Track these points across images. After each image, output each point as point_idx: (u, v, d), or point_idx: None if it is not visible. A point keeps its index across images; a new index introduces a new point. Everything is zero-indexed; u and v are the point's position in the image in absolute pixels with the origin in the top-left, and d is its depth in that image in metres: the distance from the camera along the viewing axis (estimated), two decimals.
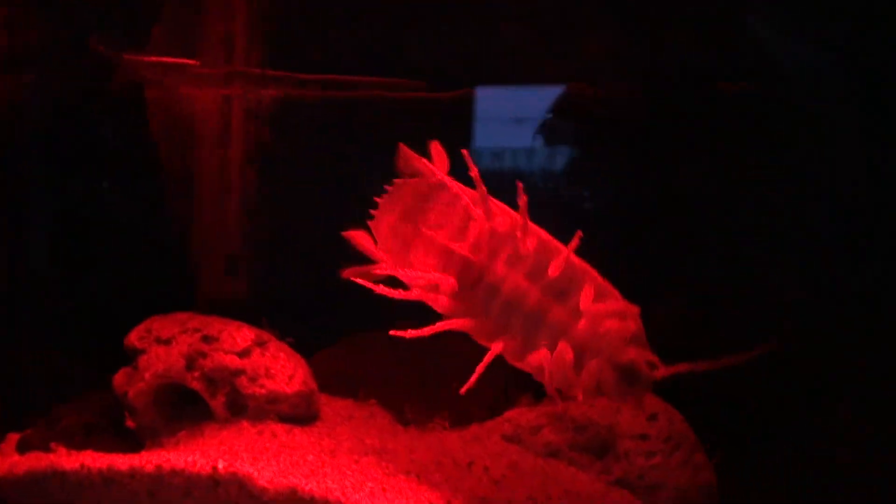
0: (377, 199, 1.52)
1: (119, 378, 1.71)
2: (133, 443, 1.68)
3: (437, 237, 1.40)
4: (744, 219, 2.00)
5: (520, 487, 1.47)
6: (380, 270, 1.42)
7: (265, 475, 1.34)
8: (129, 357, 1.72)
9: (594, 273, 1.35)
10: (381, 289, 1.39)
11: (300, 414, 1.66)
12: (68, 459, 1.37)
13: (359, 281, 1.40)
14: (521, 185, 1.32)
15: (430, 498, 1.35)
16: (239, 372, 1.64)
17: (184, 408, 1.68)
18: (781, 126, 1.96)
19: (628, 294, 1.36)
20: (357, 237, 1.48)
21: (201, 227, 2.18)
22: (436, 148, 1.46)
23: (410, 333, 1.33)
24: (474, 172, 1.37)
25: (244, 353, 1.67)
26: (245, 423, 1.63)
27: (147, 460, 1.34)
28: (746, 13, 1.96)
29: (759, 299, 1.93)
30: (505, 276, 1.36)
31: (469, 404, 1.72)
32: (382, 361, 1.87)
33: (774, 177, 1.96)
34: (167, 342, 1.68)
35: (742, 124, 1.99)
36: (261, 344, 1.69)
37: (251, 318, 1.80)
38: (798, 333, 1.80)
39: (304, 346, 1.82)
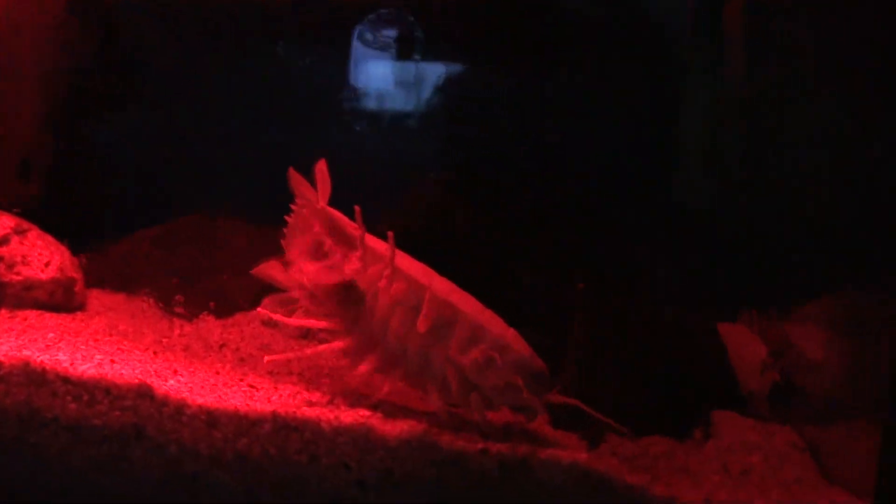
0: (287, 218, 1.51)
1: None
2: None
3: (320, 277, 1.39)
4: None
5: (263, 364, 1.47)
6: (294, 294, 1.43)
7: (1, 350, 1.32)
8: None
9: (464, 303, 1.36)
10: (297, 321, 1.42)
11: (58, 302, 1.64)
12: None
13: (275, 317, 1.41)
14: (359, 210, 1.35)
15: (157, 369, 1.34)
16: None
17: None
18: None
19: None
20: (265, 271, 1.47)
21: None
22: (320, 171, 1.45)
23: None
24: (359, 232, 1.37)
25: (2, 241, 1.63)
26: (3, 311, 1.61)
27: None
28: None
29: None
30: (387, 318, 1.37)
31: (237, 297, 1.72)
32: (159, 258, 1.85)
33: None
34: None
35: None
36: (20, 232, 1.66)
37: (44, 224, 1.76)
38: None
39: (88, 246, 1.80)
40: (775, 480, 1.46)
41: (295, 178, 1.48)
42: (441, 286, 1.36)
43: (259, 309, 1.44)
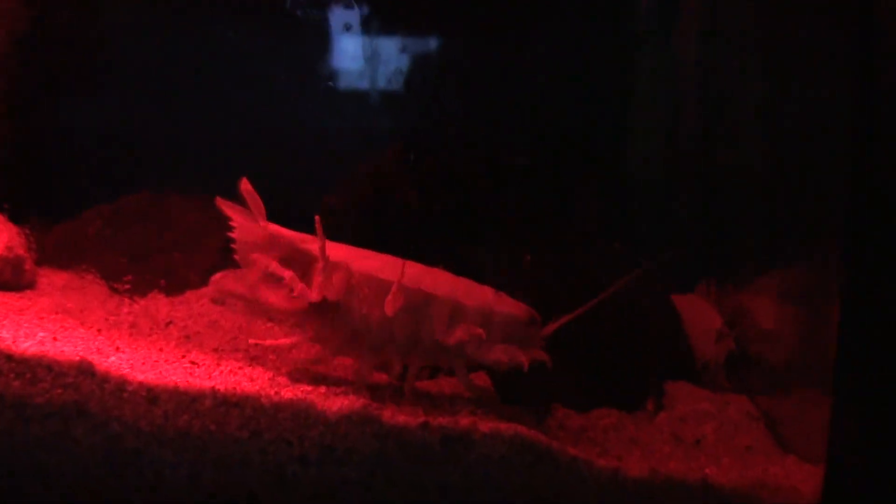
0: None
1: None
2: None
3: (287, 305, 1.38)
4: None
5: (210, 340, 1.47)
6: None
7: None
8: None
9: (437, 284, 1.35)
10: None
11: (6, 280, 1.62)
12: None
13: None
14: (319, 220, 1.31)
15: (100, 346, 1.33)
16: None
17: None
18: None
19: None
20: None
21: None
22: (247, 191, 1.42)
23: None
24: (319, 243, 1.34)
25: None
26: None
27: None
28: None
29: None
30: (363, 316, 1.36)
31: (187, 274, 1.71)
32: (110, 237, 1.83)
33: None
34: None
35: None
36: None
37: None
38: None
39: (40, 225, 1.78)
40: (727, 449, 1.47)
41: (224, 205, 1.42)
42: (411, 272, 1.34)
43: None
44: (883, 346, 1.31)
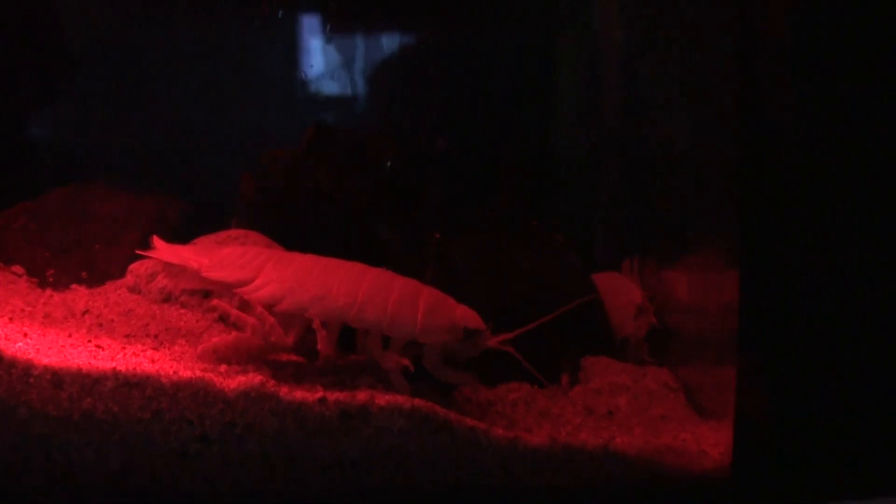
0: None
1: None
2: None
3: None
4: None
5: (122, 327, 1.48)
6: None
7: None
8: None
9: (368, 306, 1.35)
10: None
11: None
12: None
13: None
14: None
15: (7, 333, 1.34)
16: None
17: None
18: None
19: None
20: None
21: None
22: (163, 246, 1.45)
23: None
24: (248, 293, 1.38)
25: None
26: None
27: None
28: None
29: None
30: None
31: (109, 266, 1.72)
32: (34, 231, 1.84)
33: None
34: None
35: None
36: None
37: None
38: None
39: None
40: (640, 419, 1.49)
41: (159, 252, 1.46)
42: (340, 292, 1.35)
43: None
44: (777, 314, 1.34)
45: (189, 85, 1.89)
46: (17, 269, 1.75)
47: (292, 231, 1.64)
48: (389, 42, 1.95)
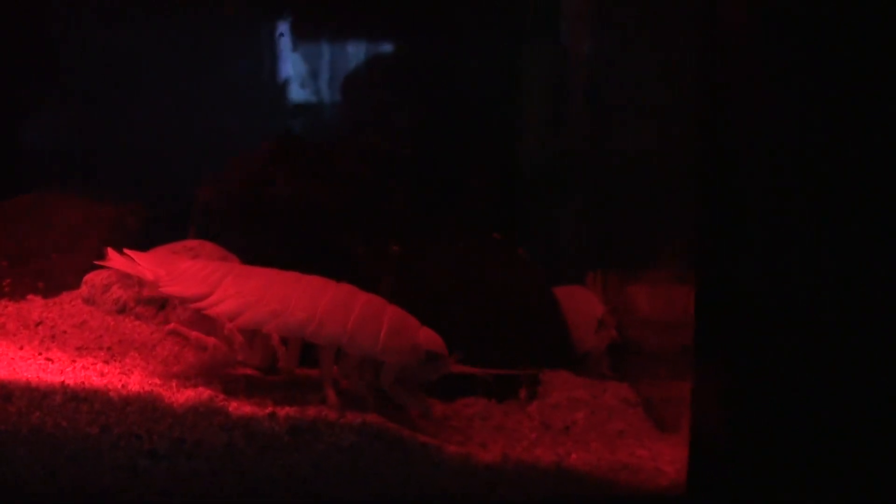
0: None
1: None
2: None
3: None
4: None
5: (75, 339, 1.47)
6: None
7: None
8: None
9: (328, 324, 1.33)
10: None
11: None
12: None
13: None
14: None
15: None
16: None
17: None
18: None
19: None
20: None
21: None
22: (117, 259, 1.42)
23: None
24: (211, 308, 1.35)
25: None
26: None
27: None
28: None
29: None
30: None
31: (66, 276, 1.71)
32: None
33: None
34: None
35: None
36: None
37: None
38: None
39: None
40: (599, 434, 1.48)
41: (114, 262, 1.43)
42: (297, 311, 1.33)
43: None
44: (731, 328, 1.34)
45: (152, 89, 1.87)
46: None
47: (251, 241, 1.63)
48: (356, 50, 1.94)
